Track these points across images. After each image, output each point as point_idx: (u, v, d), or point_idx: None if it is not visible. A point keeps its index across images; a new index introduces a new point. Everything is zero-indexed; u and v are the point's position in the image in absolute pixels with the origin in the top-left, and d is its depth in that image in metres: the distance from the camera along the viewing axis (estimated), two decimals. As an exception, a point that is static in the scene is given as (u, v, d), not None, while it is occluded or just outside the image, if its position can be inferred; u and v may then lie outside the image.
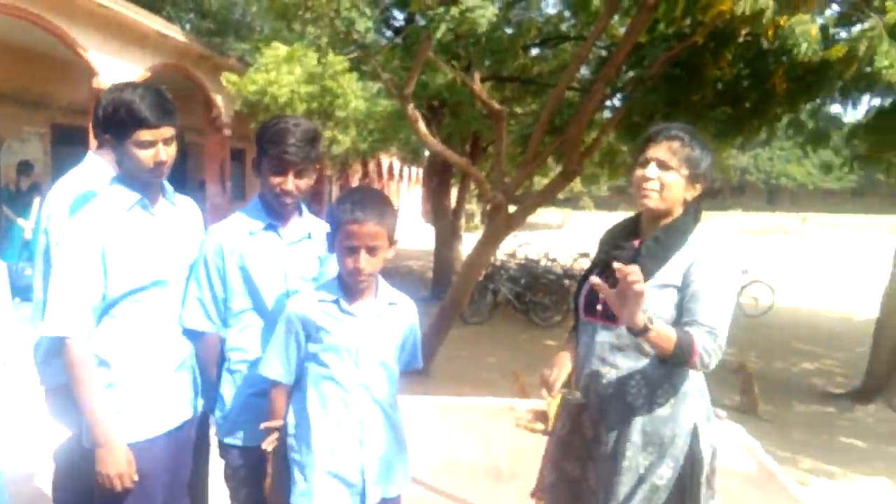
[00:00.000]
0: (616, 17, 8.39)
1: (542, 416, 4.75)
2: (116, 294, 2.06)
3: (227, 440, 2.30)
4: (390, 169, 29.65)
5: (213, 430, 2.38)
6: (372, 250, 1.99)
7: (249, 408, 2.24)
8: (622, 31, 8.76)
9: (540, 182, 18.65)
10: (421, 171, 33.56)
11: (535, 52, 12.21)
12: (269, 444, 2.10)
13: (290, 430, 2.10)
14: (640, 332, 1.88)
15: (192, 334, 2.27)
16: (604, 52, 9.05)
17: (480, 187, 6.81)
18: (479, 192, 7.08)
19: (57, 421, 2.49)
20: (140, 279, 2.09)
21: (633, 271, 1.77)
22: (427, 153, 13.72)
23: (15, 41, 9.54)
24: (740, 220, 39.75)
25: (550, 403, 4.46)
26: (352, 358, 2.04)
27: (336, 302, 2.05)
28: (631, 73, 7.55)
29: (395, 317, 2.14)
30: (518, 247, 13.97)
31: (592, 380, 2.17)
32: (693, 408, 2.10)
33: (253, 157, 2.32)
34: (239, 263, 2.24)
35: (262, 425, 2.11)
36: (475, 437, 4.59)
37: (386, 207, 2.03)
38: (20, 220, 8.81)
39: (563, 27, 11.41)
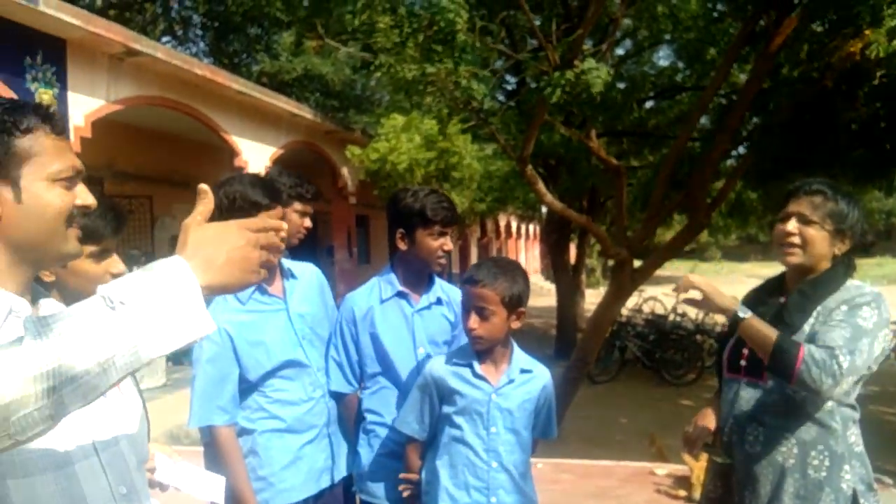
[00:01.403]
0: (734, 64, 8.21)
1: (684, 481, 4.53)
2: (254, 377, 2.22)
3: (363, 497, 2.39)
4: (508, 227, 29.85)
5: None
6: (482, 312, 2.01)
7: (382, 467, 2.32)
8: (742, 77, 8.57)
9: (662, 234, 18.15)
10: (538, 227, 33.63)
11: (650, 104, 12.11)
12: (406, 492, 2.21)
13: (424, 486, 2.16)
14: (733, 320, 1.92)
15: (336, 396, 2.40)
16: (724, 101, 8.84)
17: (603, 243, 6.76)
18: (602, 248, 7.02)
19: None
20: (271, 362, 2.23)
21: (689, 282, 2.00)
22: (545, 210, 13.77)
23: (167, 129, 10.59)
24: (890, 267, 36.57)
25: (694, 468, 4.25)
26: (482, 422, 2.07)
27: (469, 366, 2.09)
28: (755, 120, 7.33)
29: (528, 384, 2.14)
30: (643, 301, 13.56)
31: (738, 439, 2.08)
32: (852, 472, 1.96)
33: (399, 230, 2.37)
34: (370, 330, 2.36)
35: (401, 475, 2.22)
36: None
37: (505, 275, 2.04)
38: None
39: (678, 78, 11.28)
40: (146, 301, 0.86)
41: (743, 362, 2.09)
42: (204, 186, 1.03)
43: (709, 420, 2.21)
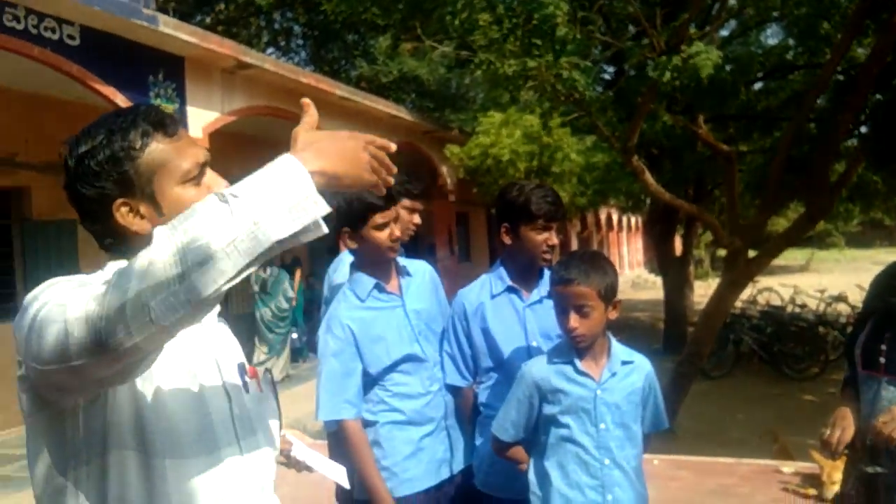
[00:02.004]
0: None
1: (813, 479, 4.30)
2: (375, 371, 2.29)
3: (482, 488, 2.41)
4: (608, 219, 29.24)
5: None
6: (581, 310, 1.98)
7: (498, 460, 2.30)
8: (860, 51, 8.01)
9: (775, 222, 17.25)
10: (639, 219, 32.70)
11: (758, 86, 11.54)
12: None
13: (533, 488, 2.12)
14: None
15: (452, 389, 2.43)
16: (842, 77, 8.30)
17: (716, 233, 6.50)
18: (715, 237, 6.76)
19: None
20: (390, 357, 2.29)
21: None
22: (648, 201, 13.41)
23: (275, 136, 11.03)
24: None
25: (825, 466, 4.04)
26: (590, 419, 2.02)
27: (570, 363, 2.05)
28: (878, 97, 6.85)
29: (631, 376, 2.09)
30: (758, 292, 12.93)
31: (882, 440, 1.96)
32: None
33: (504, 225, 2.40)
34: (481, 325, 2.38)
35: (522, 466, 2.19)
36: (737, 502, 4.27)
37: (595, 268, 2.01)
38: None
39: (789, 56, 10.68)
40: (257, 191, 0.93)
41: (882, 359, 1.96)
42: (306, 99, 1.10)
43: (848, 421, 2.08)
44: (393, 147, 1.11)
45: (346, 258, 2.89)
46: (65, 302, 0.93)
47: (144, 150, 1.14)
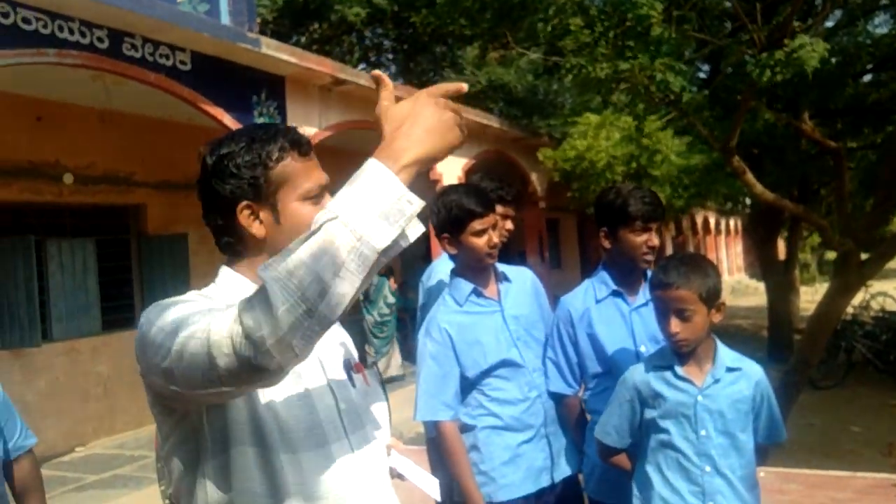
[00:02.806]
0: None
1: (939, 495, 4.03)
2: (472, 376, 2.32)
3: (593, 496, 2.39)
4: (705, 223, 28.24)
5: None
6: (682, 314, 1.94)
7: (612, 468, 2.28)
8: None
9: (889, 222, 16.14)
10: (738, 222, 31.40)
11: (867, 78, 10.91)
12: None
13: (635, 491, 2.10)
14: None
15: (555, 397, 2.42)
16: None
17: (825, 235, 6.19)
18: (824, 239, 6.43)
19: (431, 468, 2.72)
20: (487, 362, 2.32)
21: None
22: (749, 203, 12.88)
23: (368, 149, 11.35)
24: None
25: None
26: (690, 425, 1.98)
27: (670, 368, 2.02)
28: None
29: (737, 384, 2.01)
30: (871, 297, 12.16)
31: None
32: None
33: (602, 229, 2.41)
34: (587, 330, 2.37)
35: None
36: (852, 516, 4.05)
37: (695, 270, 1.96)
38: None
39: (900, 45, 10.05)
40: (351, 207, 0.96)
41: None
42: (376, 71, 1.14)
43: None
44: (465, 88, 1.13)
45: (438, 266, 2.96)
46: (202, 336, 1.00)
47: (279, 163, 1.24)
